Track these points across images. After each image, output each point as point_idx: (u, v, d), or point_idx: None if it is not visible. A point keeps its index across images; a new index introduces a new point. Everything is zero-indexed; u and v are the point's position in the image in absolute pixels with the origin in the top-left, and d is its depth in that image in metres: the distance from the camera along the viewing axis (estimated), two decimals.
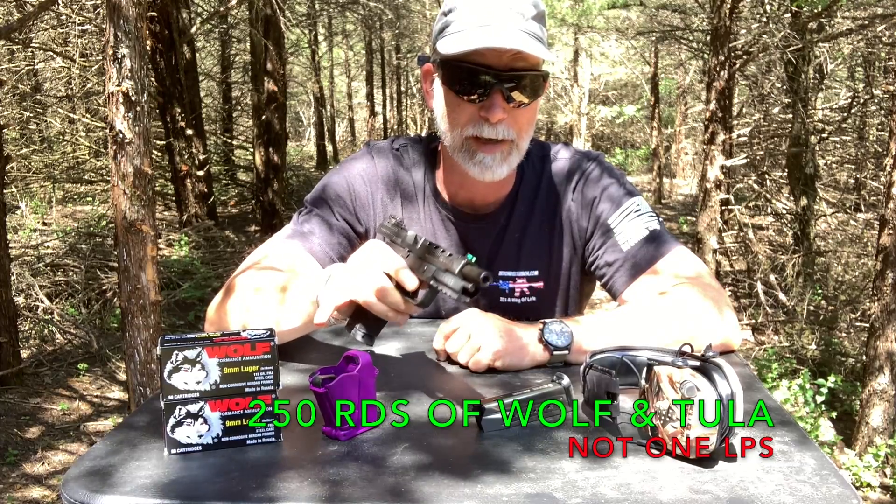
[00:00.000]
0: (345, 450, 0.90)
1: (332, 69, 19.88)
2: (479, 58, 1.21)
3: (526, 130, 1.29)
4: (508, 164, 1.29)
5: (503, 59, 1.21)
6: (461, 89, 1.25)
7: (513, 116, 1.25)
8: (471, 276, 0.94)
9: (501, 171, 1.29)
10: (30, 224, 7.91)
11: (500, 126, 1.25)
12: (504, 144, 1.27)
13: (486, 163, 1.27)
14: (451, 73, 1.25)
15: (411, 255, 1.06)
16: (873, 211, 8.75)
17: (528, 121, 1.29)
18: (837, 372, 5.57)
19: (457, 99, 1.26)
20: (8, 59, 9.53)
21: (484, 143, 1.26)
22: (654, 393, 0.88)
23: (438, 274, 0.99)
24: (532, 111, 1.29)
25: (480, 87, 1.23)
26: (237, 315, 1.23)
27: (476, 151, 1.27)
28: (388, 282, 1.03)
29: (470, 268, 0.95)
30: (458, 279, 0.95)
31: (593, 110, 18.11)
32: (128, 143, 2.85)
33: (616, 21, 11.98)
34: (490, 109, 1.23)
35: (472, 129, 1.26)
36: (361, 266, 1.06)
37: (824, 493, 0.79)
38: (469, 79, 1.23)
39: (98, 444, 0.93)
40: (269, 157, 9.04)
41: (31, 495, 3.77)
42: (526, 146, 1.32)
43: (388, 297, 1.02)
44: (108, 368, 5.29)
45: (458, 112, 1.27)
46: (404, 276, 1.02)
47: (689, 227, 10.84)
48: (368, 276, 1.04)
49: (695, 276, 1.30)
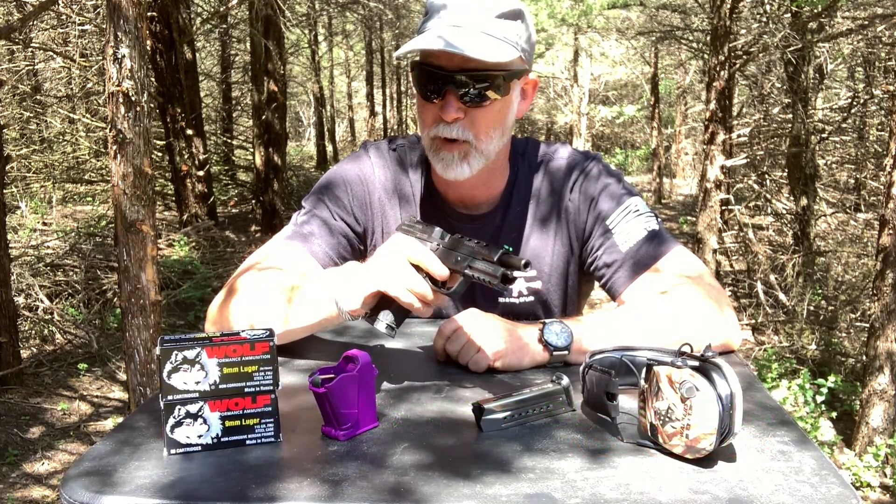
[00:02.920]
0: (345, 450, 0.90)
1: (332, 69, 19.87)
2: (435, 59, 1.24)
3: (485, 132, 1.27)
4: (469, 164, 1.29)
5: (455, 61, 1.22)
6: (422, 91, 1.28)
7: (470, 117, 1.26)
8: (511, 263, 0.98)
9: (462, 171, 1.29)
10: (30, 224, 7.91)
11: (456, 126, 1.26)
12: (461, 144, 1.27)
13: (447, 161, 1.29)
14: (415, 76, 1.29)
15: (441, 248, 1.08)
16: (873, 211, 8.75)
17: (487, 122, 1.27)
18: (837, 372, 5.57)
19: (422, 101, 1.29)
20: (8, 59, 9.53)
21: (444, 142, 1.28)
22: (653, 393, 0.88)
23: (473, 262, 1.02)
24: (493, 112, 1.27)
25: (436, 88, 1.25)
26: (243, 313, 1.22)
27: (440, 150, 1.29)
28: (416, 272, 1.04)
29: (508, 256, 0.99)
30: (497, 266, 0.99)
31: (593, 110, 18.11)
32: (128, 143, 2.85)
33: (616, 21, 11.99)
34: (443, 109, 1.25)
35: (435, 129, 1.28)
36: (389, 257, 1.07)
37: (824, 493, 0.79)
38: (428, 80, 1.26)
39: (98, 444, 0.93)
40: (270, 157, 9.04)
41: (31, 495, 3.77)
42: (491, 148, 1.30)
43: (416, 288, 1.04)
44: (108, 368, 5.29)
45: (424, 113, 1.30)
46: (433, 265, 1.05)
47: (689, 227, 10.84)
48: (397, 266, 1.05)
49: (694, 276, 1.30)
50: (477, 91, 1.24)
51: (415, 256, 1.05)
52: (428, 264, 1.05)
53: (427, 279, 1.05)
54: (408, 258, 1.05)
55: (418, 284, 1.04)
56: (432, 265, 1.05)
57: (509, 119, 1.32)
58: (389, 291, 1.05)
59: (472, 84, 1.23)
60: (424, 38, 1.22)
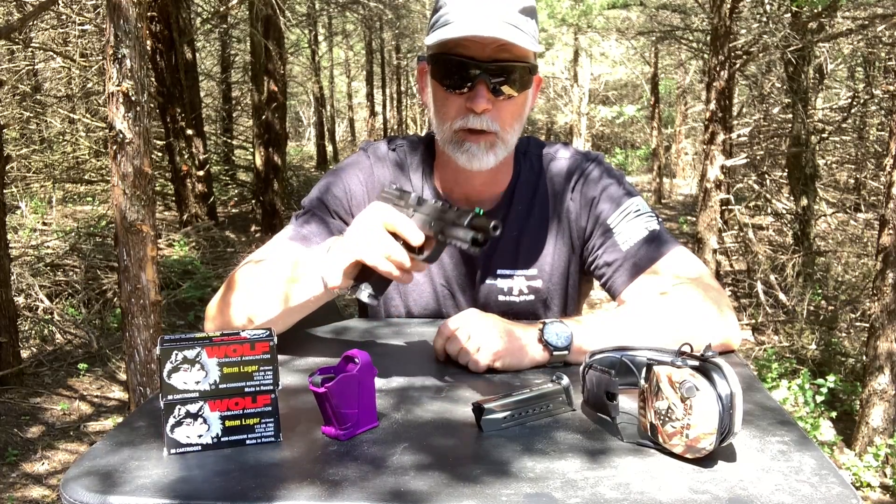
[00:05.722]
0: (344, 450, 0.90)
1: (332, 69, 19.88)
2: (464, 50, 1.23)
3: (510, 124, 1.29)
4: (495, 154, 1.30)
5: (486, 51, 1.22)
6: (448, 83, 1.27)
7: (497, 109, 1.26)
8: (481, 226, 0.96)
9: (488, 161, 1.30)
10: (30, 224, 7.91)
11: (485, 117, 1.26)
12: (489, 135, 1.28)
13: (473, 151, 1.29)
14: (438, 68, 1.28)
15: (417, 214, 1.07)
16: (873, 211, 8.75)
17: (512, 114, 1.29)
18: (837, 372, 5.57)
19: (445, 93, 1.28)
20: (8, 59, 9.53)
21: (470, 133, 1.28)
22: (653, 393, 0.88)
23: (447, 228, 1.01)
24: (517, 105, 1.29)
25: (466, 79, 1.25)
26: (240, 303, 1.23)
27: (464, 141, 1.29)
28: (393, 240, 1.04)
29: (479, 219, 0.97)
30: (467, 230, 0.97)
31: (593, 110, 18.10)
32: (128, 143, 2.86)
33: (616, 21, 11.99)
34: (474, 100, 1.24)
35: (461, 120, 1.27)
36: (365, 226, 1.06)
37: (824, 493, 0.79)
38: (455, 71, 1.25)
39: (98, 444, 0.93)
40: (270, 157, 9.04)
41: (31, 495, 3.77)
42: (512, 140, 1.32)
43: (393, 255, 1.03)
44: (108, 368, 5.29)
45: (447, 105, 1.29)
46: (409, 231, 1.03)
47: (689, 227, 10.84)
48: (372, 234, 1.04)
49: (695, 277, 1.30)
50: (507, 82, 1.25)
51: (390, 223, 1.04)
52: (403, 230, 1.04)
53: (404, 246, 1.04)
54: (384, 225, 1.05)
55: (395, 252, 1.03)
56: (407, 231, 1.03)
57: (526, 113, 1.34)
58: (367, 260, 1.04)
59: (504, 75, 1.24)
60: (458, 26, 1.22)
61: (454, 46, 1.24)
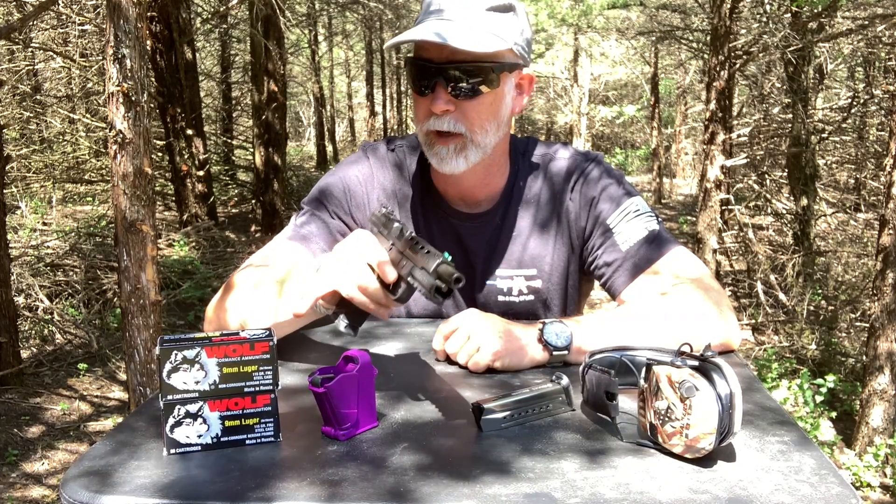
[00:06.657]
0: (344, 450, 0.90)
1: (332, 69, 19.87)
2: (424, 52, 1.25)
3: (479, 124, 1.28)
4: (465, 158, 1.29)
5: (444, 53, 1.23)
6: (415, 85, 1.28)
7: (461, 110, 1.26)
8: (444, 275, 0.92)
9: (458, 164, 1.29)
10: (30, 224, 7.91)
11: (447, 118, 1.26)
12: (455, 138, 1.28)
13: (442, 154, 1.29)
14: (408, 71, 1.30)
15: (394, 249, 1.03)
16: (873, 211, 8.76)
17: (480, 114, 1.27)
18: (837, 372, 5.57)
19: (416, 96, 1.30)
20: (8, 59, 9.53)
21: (438, 136, 1.28)
22: (653, 393, 0.88)
23: (415, 271, 0.97)
24: (485, 105, 1.27)
25: (426, 81, 1.25)
26: (236, 309, 1.23)
27: (434, 144, 1.29)
28: (371, 274, 1.01)
29: (445, 267, 0.92)
30: (431, 278, 0.93)
31: (593, 110, 18.09)
32: (128, 143, 2.86)
33: (616, 21, 11.99)
34: (433, 102, 1.25)
35: (427, 123, 1.28)
36: (346, 257, 1.05)
37: (823, 493, 0.79)
38: (418, 74, 1.26)
39: (98, 444, 0.93)
40: (270, 157, 9.04)
41: (31, 495, 3.77)
42: (487, 142, 1.30)
43: (369, 291, 1.01)
44: (108, 368, 5.29)
45: (418, 108, 1.30)
46: (385, 270, 1.01)
47: (689, 227, 10.84)
48: (352, 267, 1.02)
49: (694, 277, 1.30)
50: (466, 83, 1.24)
51: (369, 258, 1.02)
52: (377, 267, 1.01)
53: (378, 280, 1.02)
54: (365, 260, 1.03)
55: (372, 287, 1.01)
56: (380, 268, 1.01)
57: (503, 112, 1.31)
58: (342, 292, 1.03)
59: (461, 76, 1.24)
60: (413, 31, 1.24)
61: (418, 49, 1.26)
